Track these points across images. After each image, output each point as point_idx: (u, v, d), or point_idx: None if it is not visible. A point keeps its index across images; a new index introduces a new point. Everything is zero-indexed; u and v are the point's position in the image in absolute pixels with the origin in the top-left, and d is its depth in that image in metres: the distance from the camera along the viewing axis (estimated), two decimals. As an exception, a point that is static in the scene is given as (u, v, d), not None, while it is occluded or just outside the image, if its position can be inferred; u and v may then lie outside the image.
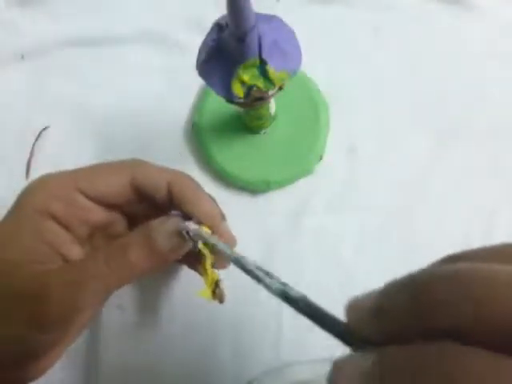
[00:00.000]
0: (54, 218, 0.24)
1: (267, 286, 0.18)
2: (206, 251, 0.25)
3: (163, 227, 0.23)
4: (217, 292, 0.26)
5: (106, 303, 0.32)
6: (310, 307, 0.17)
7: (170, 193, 0.25)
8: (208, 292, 0.25)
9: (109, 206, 0.25)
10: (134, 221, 0.27)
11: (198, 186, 0.26)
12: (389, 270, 0.34)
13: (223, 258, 0.25)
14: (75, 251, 0.24)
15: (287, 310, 0.33)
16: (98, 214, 0.25)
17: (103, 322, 0.32)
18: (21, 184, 0.25)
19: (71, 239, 0.25)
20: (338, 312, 0.35)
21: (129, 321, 0.32)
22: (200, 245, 0.24)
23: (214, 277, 0.26)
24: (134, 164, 0.25)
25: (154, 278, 0.33)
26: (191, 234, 0.23)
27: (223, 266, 0.26)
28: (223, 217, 0.26)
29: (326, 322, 0.16)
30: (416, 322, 0.12)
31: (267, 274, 0.19)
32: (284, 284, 0.18)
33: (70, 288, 0.21)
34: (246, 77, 0.24)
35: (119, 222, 0.27)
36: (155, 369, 0.32)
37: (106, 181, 0.25)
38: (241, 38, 0.22)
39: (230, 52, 0.24)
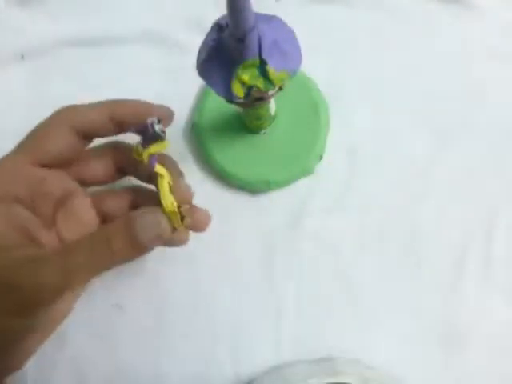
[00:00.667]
0: (19, 200, 0.24)
1: None
2: (163, 171, 0.24)
3: (143, 219, 0.23)
4: (183, 220, 0.25)
5: (105, 302, 0.32)
6: None
7: (117, 124, 0.26)
8: (173, 217, 0.24)
9: (86, 137, 0.26)
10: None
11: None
12: (389, 270, 0.35)
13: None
14: (44, 234, 0.25)
15: (287, 310, 0.33)
16: (56, 181, 0.26)
17: (101, 321, 0.32)
18: (21, 184, 0.25)
19: (39, 222, 0.25)
20: (338, 311, 0.35)
21: (127, 320, 0.33)
22: (157, 166, 0.24)
23: (174, 203, 0.24)
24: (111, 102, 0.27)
25: (153, 277, 0.33)
26: (157, 128, 0.23)
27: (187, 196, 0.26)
28: None
29: None
30: None
31: None
32: None
33: (56, 276, 0.22)
34: (245, 77, 0.24)
35: (79, 193, 0.27)
36: (154, 369, 0.32)
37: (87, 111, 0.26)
38: (241, 38, 0.22)
39: (230, 52, 0.24)
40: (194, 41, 0.27)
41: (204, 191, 0.34)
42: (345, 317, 0.32)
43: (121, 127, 0.27)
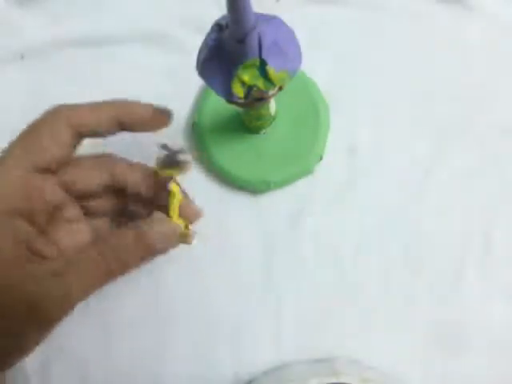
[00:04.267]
0: (19, 212, 0.23)
1: None
2: (176, 189, 0.25)
3: (156, 225, 0.24)
4: (186, 233, 0.26)
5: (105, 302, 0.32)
6: None
7: (119, 125, 0.26)
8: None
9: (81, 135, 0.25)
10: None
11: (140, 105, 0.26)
12: (389, 270, 0.35)
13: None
14: (44, 246, 0.24)
15: (287, 310, 0.33)
16: (52, 190, 0.25)
17: (101, 320, 0.32)
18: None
19: (37, 234, 0.24)
20: (338, 311, 0.35)
21: (127, 321, 0.33)
22: (171, 184, 0.25)
23: (182, 221, 0.26)
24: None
25: (153, 277, 0.33)
26: (181, 157, 0.25)
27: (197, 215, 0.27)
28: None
29: None
30: None
31: None
32: None
33: (61, 291, 0.22)
34: (246, 77, 0.24)
35: (71, 205, 0.26)
36: (154, 368, 0.32)
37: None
38: (241, 38, 0.22)
39: (230, 52, 0.24)
40: (194, 41, 0.27)
41: (204, 191, 0.34)
42: (345, 317, 0.32)
43: (121, 128, 0.26)
